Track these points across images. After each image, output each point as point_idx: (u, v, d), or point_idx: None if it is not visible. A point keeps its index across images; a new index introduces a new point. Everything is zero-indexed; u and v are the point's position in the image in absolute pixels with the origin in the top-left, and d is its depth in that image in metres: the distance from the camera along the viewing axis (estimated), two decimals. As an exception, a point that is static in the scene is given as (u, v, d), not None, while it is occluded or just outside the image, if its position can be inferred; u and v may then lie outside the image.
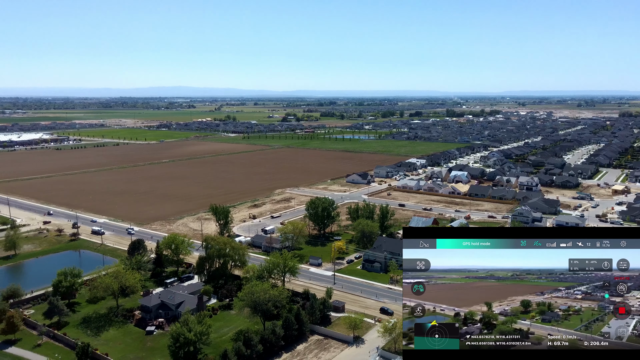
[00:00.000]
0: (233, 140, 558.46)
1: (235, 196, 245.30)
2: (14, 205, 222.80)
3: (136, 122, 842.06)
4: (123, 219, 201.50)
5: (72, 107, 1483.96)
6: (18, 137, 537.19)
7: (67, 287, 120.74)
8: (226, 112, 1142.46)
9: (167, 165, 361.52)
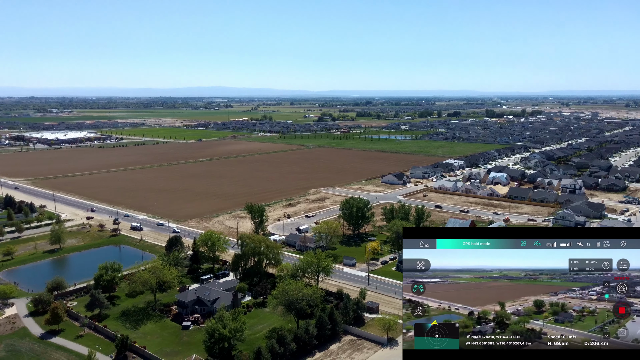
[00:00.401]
0: (269, 139, 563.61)
1: (270, 195, 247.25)
2: (60, 201, 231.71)
3: (175, 122, 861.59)
4: (161, 215, 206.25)
5: (115, 106, 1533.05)
6: (64, 135, 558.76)
7: (107, 281, 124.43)
8: (262, 112, 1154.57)
9: (205, 163, 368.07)
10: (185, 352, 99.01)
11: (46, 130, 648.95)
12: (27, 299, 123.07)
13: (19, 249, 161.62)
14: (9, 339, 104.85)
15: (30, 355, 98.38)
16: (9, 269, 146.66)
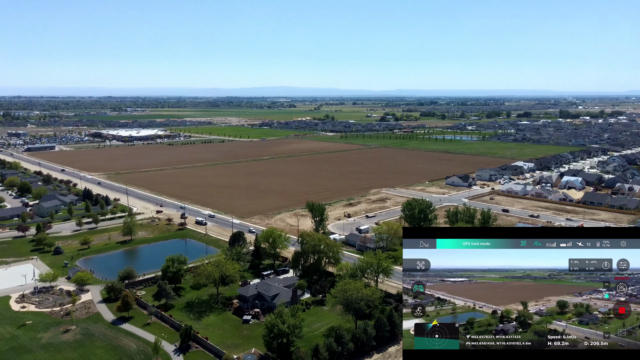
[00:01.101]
0: (331, 139, 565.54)
1: (331, 194, 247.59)
2: (132, 195, 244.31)
3: (240, 121, 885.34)
4: (225, 211, 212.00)
5: (184, 105, 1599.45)
6: (137, 132, 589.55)
7: (174, 273, 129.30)
8: (325, 112, 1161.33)
9: (268, 162, 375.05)
10: (245, 346, 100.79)
11: (121, 127, 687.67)
12: (101, 286, 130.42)
13: (95, 239, 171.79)
14: (84, 323, 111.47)
15: (102, 339, 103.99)
16: (85, 258, 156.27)
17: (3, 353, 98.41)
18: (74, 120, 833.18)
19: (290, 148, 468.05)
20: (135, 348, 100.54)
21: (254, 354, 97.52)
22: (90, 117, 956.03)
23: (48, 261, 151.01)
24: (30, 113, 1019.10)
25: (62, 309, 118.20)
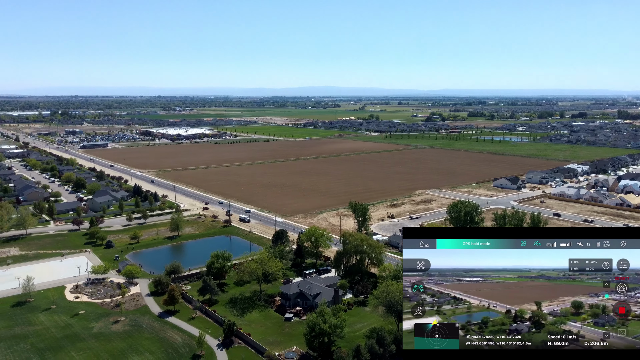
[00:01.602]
0: (375, 139, 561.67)
1: (374, 195, 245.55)
2: (179, 191, 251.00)
3: (285, 120, 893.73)
4: (269, 209, 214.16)
5: (231, 105, 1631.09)
6: (185, 131, 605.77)
7: (218, 269, 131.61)
8: (369, 111, 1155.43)
9: (311, 161, 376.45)
10: (287, 343, 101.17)
11: (170, 126, 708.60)
12: (149, 280, 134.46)
13: (144, 234, 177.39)
14: (132, 315, 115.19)
15: (149, 331, 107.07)
16: (135, 252, 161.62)
17: (58, 340, 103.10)
18: (126, 119, 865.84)
19: (334, 148, 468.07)
20: (180, 341, 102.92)
21: (295, 351, 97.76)
22: (141, 116, 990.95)
23: (100, 254, 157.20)
24: (86, 112, 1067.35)
25: (113, 301, 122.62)
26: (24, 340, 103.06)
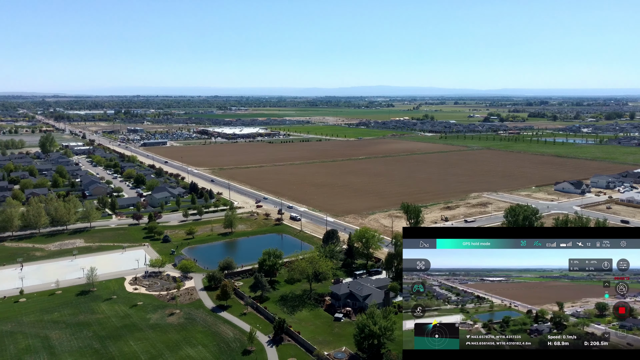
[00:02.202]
0: (429, 139, 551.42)
1: (427, 196, 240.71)
2: (233, 189, 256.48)
3: (337, 120, 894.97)
4: (320, 209, 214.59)
5: (284, 105, 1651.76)
6: (240, 130, 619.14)
7: (269, 266, 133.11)
8: (424, 111, 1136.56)
9: (363, 161, 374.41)
10: (336, 343, 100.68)
11: (225, 125, 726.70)
12: (203, 275, 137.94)
13: (199, 230, 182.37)
14: (187, 308, 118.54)
15: (203, 325, 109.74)
16: (190, 247, 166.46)
17: (117, 329, 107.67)
18: (184, 118, 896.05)
19: (387, 148, 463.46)
20: (231, 336, 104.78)
21: (344, 352, 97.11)
22: (198, 115, 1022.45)
23: (157, 248, 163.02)
24: (147, 111, 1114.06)
25: (168, 294, 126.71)
26: (87, 328, 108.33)
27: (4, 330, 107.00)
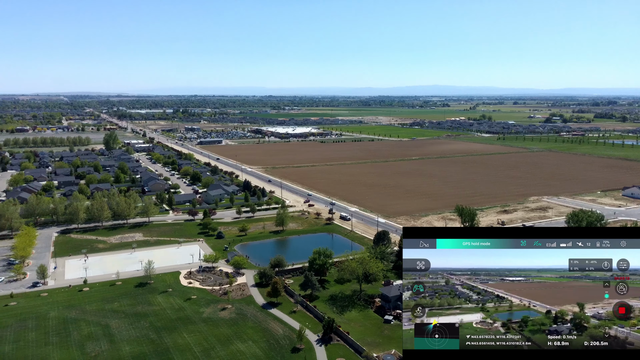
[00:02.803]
0: (486, 140, 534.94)
1: (483, 199, 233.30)
2: (285, 188, 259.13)
3: (391, 120, 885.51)
4: (371, 209, 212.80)
5: (337, 104, 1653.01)
6: (292, 130, 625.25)
7: (319, 265, 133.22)
8: (481, 112, 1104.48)
9: (417, 162, 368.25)
10: (385, 346, 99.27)
11: (279, 125, 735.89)
12: (254, 271, 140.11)
13: (251, 227, 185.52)
14: (238, 303, 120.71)
15: (253, 321, 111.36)
16: (242, 243, 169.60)
17: (172, 321, 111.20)
18: (239, 118, 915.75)
19: (441, 149, 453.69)
20: (281, 333, 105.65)
21: (394, 355, 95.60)
22: (252, 114, 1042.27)
23: (211, 244, 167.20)
24: (204, 110, 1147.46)
25: (221, 289, 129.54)
26: (144, 318, 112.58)
27: (69, 317, 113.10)
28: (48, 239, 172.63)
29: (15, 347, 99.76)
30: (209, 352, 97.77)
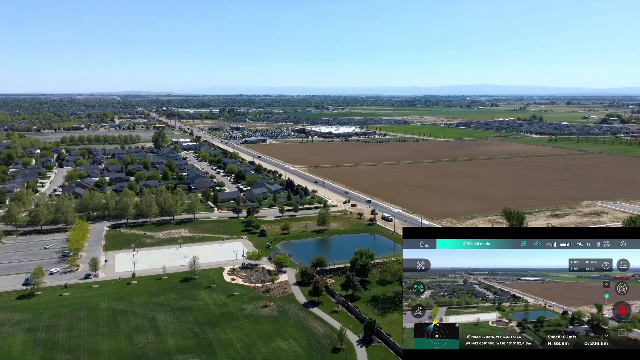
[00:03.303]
0: (537, 142, 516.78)
1: (532, 202, 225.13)
2: (328, 187, 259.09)
3: (436, 120, 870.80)
4: (415, 211, 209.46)
5: (382, 104, 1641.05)
6: (336, 129, 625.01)
7: (361, 266, 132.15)
8: (532, 112, 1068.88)
9: (463, 163, 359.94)
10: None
11: (322, 124, 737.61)
12: (296, 270, 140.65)
13: (293, 226, 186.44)
14: (280, 301, 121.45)
15: (294, 319, 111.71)
16: (284, 242, 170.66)
17: (216, 316, 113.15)
18: (283, 117, 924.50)
19: (489, 150, 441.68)
20: (322, 332, 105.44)
21: None
22: (296, 114, 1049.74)
23: (254, 241, 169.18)
24: (249, 110, 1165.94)
25: (263, 286, 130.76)
26: (188, 313, 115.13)
27: (118, 309, 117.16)
28: (99, 232, 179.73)
29: (69, 336, 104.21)
30: (251, 349, 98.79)
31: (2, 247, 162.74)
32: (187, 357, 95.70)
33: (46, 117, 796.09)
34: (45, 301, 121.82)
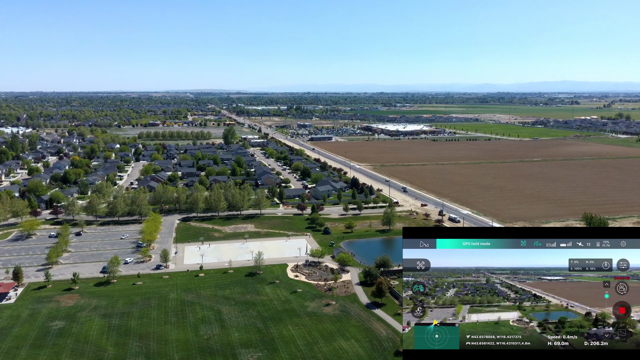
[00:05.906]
0: (623, 142, 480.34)
1: (617, 207, 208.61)
2: (393, 187, 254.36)
3: (510, 118, 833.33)
4: (485, 213, 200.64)
5: (452, 102, 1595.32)
6: (403, 127, 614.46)
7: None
8: (617, 110, 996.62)
9: (539, 164, 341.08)
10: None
11: (389, 122, 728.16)
12: (359, 269, 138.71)
13: (357, 225, 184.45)
14: (342, 300, 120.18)
15: (357, 319, 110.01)
16: (348, 240, 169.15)
17: (278, 312, 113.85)
18: (350, 115, 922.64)
19: (568, 150, 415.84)
20: (384, 334, 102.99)
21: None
22: (363, 111, 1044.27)
23: (318, 239, 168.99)
24: (316, 107, 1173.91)
25: (326, 284, 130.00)
26: (252, 307, 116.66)
27: (186, 300, 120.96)
28: (171, 225, 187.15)
29: (140, 323, 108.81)
30: (312, 347, 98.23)
31: (84, 235, 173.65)
32: (250, 352, 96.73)
33: (126, 114, 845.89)
34: (120, 289, 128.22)
